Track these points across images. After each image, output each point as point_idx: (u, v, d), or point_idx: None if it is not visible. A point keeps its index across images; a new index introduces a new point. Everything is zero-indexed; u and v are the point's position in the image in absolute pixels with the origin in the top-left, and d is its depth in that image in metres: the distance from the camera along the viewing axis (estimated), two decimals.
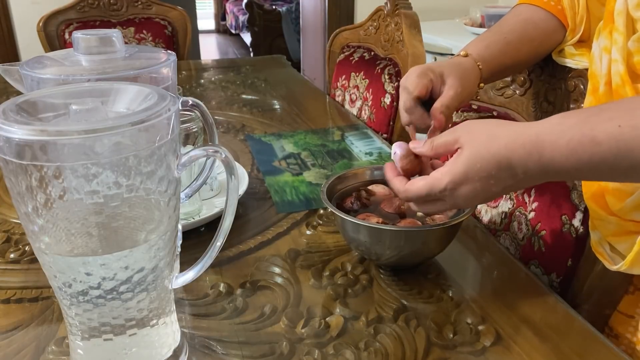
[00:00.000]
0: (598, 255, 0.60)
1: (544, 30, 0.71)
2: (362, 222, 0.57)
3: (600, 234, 0.59)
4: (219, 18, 6.92)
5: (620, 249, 0.57)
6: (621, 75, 0.55)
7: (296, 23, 4.31)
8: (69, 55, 0.57)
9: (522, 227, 0.76)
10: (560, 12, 0.70)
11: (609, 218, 0.57)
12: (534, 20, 0.71)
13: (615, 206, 0.56)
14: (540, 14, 0.71)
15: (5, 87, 1.36)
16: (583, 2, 0.69)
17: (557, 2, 0.71)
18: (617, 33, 0.56)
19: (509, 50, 0.70)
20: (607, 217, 0.57)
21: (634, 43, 0.54)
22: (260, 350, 0.50)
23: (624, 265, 0.55)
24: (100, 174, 0.35)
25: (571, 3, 0.70)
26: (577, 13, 0.69)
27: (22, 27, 2.33)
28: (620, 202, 0.55)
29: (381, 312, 0.55)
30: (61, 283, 0.40)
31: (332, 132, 1.11)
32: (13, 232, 0.71)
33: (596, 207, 0.59)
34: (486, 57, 0.68)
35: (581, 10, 0.69)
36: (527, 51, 0.71)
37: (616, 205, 0.56)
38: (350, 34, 1.44)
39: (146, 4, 1.83)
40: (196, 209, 0.72)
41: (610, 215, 0.57)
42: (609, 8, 0.58)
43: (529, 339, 0.51)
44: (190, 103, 0.54)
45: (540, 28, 0.71)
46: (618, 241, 0.57)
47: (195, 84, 1.51)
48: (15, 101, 0.38)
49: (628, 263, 0.55)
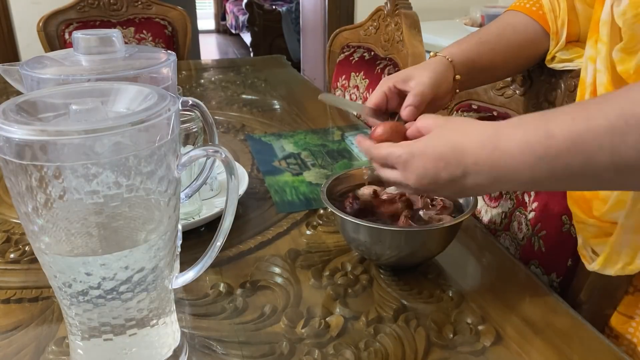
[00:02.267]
0: (582, 257, 0.61)
1: (523, 34, 0.71)
2: (362, 222, 0.57)
3: (582, 238, 0.60)
4: (219, 18, 6.92)
5: (600, 250, 0.58)
6: (605, 85, 0.55)
7: (296, 23, 4.31)
8: (69, 55, 0.57)
9: (522, 227, 0.76)
10: (541, 17, 0.71)
11: (589, 221, 0.58)
12: (513, 23, 0.72)
13: (598, 209, 0.56)
14: (520, 19, 0.72)
15: (5, 87, 1.36)
16: (564, 6, 0.69)
17: (539, 8, 0.71)
18: (600, 43, 0.56)
19: (483, 49, 0.71)
20: (587, 219, 0.58)
21: (617, 53, 0.54)
22: (260, 350, 0.50)
23: (597, 264, 0.57)
24: (100, 174, 0.35)
25: (552, 7, 0.70)
26: (558, 17, 0.70)
27: (22, 27, 2.33)
28: (604, 203, 0.55)
29: (381, 312, 0.55)
30: (61, 283, 0.40)
31: (332, 132, 1.11)
32: (13, 232, 0.71)
33: (578, 211, 0.59)
34: (456, 52, 0.69)
35: (562, 14, 0.69)
36: (504, 52, 0.71)
37: (599, 209, 0.56)
38: (350, 34, 1.44)
39: (146, 4, 1.83)
40: (196, 209, 0.72)
41: (591, 218, 0.58)
42: (595, 18, 0.58)
43: (529, 339, 0.51)
44: (190, 103, 0.54)
45: (518, 32, 0.71)
46: (597, 243, 0.58)
47: (195, 84, 1.51)
48: (15, 101, 0.38)
49: (600, 263, 0.56)
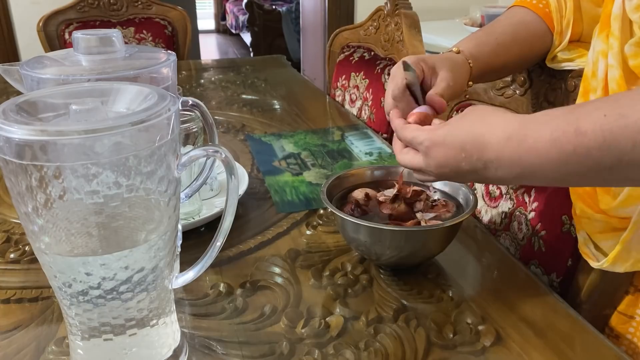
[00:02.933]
0: (583, 255, 0.60)
1: (533, 33, 0.71)
2: (362, 222, 0.57)
3: (585, 234, 0.60)
4: (219, 18, 6.92)
5: (604, 246, 0.58)
6: (617, 80, 0.55)
7: (296, 23, 4.31)
8: (69, 55, 0.57)
9: (522, 227, 0.76)
10: (547, 15, 0.70)
11: (595, 216, 0.58)
12: (526, 22, 0.71)
13: (606, 204, 0.56)
14: (530, 17, 0.71)
15: (5, 87, 1.36)
16: (570, 6, 0.69)
17: (545, 5, 0.71)
18: (612, 38, 0.56)
19: (500, 52, 0.70)
20: (594, 215, 0.58)
21: (631, 47, 0.54)
22: (260, 350, 0.50)
23: (606, 262, 0.56)
24: (100, 174, 0.35)
25: (558, 6, 0.70)
26: (564, 16, 0.69)
27: (22, 27, 2.33)
28: (613, 199, 0.55)
29: (381, 312, 0.55)
30: (61, 283, 0.40)
31: (332, 132, 1.11)
32: (13, 232, 0.71)
33: (583, 205, 0.59)
34: (477, 55, 0.68)
35: (568, 13, 0.69)
36: (517, 53, 0.71)
37: (608, 203, 0.56)
38: (350, 34, 1.44)
39: (146, 4, 1.83)
40: (196, 209, 0.72)
41: (598, 212, 0.57)
42: (606, 11, 0.57)
43: (529, 339, 0.51)
44: (190, 103, 0.54)
45: (530, 30, 0.71)
46: (603, 238, 0.58)
47: (195, 84, 1.51)
48: (15, 101, 0.38)
49: (610, 260, 0.56)
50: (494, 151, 0.46)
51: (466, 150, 0.48)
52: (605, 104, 0.41)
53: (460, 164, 0.48)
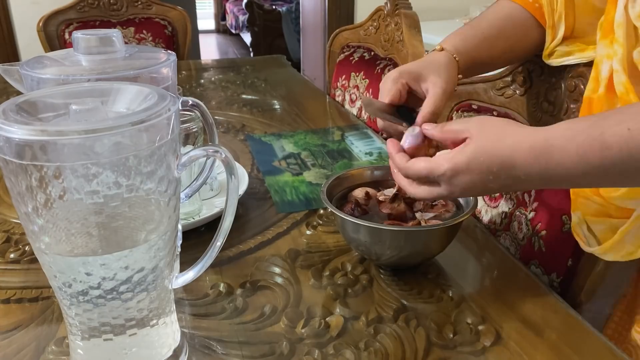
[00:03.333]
0: (575, 236, 0.61)
1: (521, 28, 0.71)
2: (362, 222, 0.57)
3: (580, 214, 0.60)
4: (219, 18, 6.92)
5: (596, 229, 0.58)
6: (624, 84, 0.55)
7: (296, 23, 4.31)
8: (69, 55, 0.57)
9: (522, 227, 0.76)
10: (536, 10, 0.70)
11: (593, 198, 0.58)
12: (513, 16, 0.71)
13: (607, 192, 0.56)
14: (518, 12, 0.71)
15: (5, 87, 1.36)
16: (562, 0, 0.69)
17: (535, 0, 0.70)
18: (617, 44, 0.56)
19: (485, 46, 0.70)
20: (592, 196, 0.58)
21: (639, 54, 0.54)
22: (260, 350, 0.50)
23: (600, 249, 0.57)
24: (100, 174, 0.35)
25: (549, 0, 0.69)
26: (555, 10, 0.69)
27: (22, 27, 2.33)
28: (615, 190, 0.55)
29: (381, 312, 0.55)
30: (61, 283, 0.40)
31: (332, 132, 1.11)
32: (13, 232, 0.71)
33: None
34: (462, 50, 0.68)
35: (559, 7, 0.68)
36: (502, 47, 0.71)
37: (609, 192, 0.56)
38: (350, 34, 1.44)
39: (146, 4, 1.83)
40: (196, 209, 0.72)
41: (595, 195, 0.57)
42: (608, 18, 0.57)
43: (529, 339, 0.51)
44: (190, 103, 0.54)
45: (517, 25, 0.71)
46: (596, 221, 0.58)
47: (195, 84, 1.51)
48: (15, 101, 0.38)
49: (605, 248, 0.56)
50: (523, 170, 0.47)
51: (494, 173, 0.48)
52: (628, 117, 0.43)
53: (488, 185, 0.49)
